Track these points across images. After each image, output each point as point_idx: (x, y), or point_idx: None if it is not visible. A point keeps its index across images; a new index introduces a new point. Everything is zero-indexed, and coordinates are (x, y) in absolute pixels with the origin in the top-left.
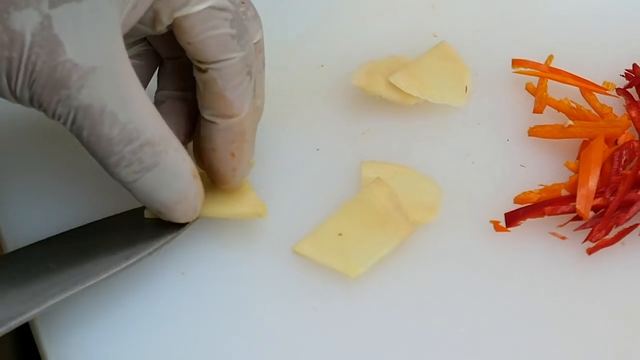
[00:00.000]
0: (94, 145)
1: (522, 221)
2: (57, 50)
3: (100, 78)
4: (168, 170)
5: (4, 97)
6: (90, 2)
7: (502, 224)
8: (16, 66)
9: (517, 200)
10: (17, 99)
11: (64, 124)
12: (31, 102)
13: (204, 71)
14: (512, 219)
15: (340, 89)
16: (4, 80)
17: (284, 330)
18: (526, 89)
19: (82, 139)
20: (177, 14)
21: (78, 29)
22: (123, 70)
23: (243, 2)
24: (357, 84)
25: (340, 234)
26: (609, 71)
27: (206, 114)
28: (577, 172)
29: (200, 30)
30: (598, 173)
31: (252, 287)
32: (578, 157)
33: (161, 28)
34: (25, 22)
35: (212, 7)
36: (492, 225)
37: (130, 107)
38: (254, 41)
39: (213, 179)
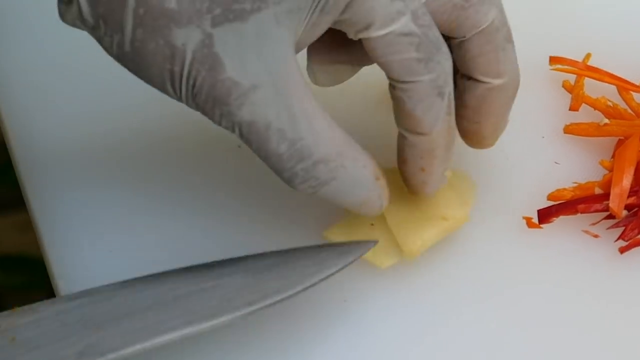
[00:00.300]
0: (265, 159)
1: (554, 218)
2: (216, 68)
3: (263, 96)
4: (347, 181)
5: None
6: (256, 23)
7: (535, 220)
8: (178, 79)
9: (550, 197)
10: (188, 106)
11: (234, 133)
12: (198, 110)
13: (394, 87)
14: (544, 215)
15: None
16: (170, 90)
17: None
18: (563, 86)
19: (254, 151)
20: (360, 35)
21: (240, 48)
22: (290, 88)
23: None
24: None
25: (372, 224)
26: None
27: (398, 125)
28: (611, 170)
29: (382, 54)
30: (632, 172)
31: None
32: (613, 156)
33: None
34: (187, 38)
35: (395, 33)
36: (524, 221)
37: (300, 124)
38: (485, 24)
39: (407, 186)
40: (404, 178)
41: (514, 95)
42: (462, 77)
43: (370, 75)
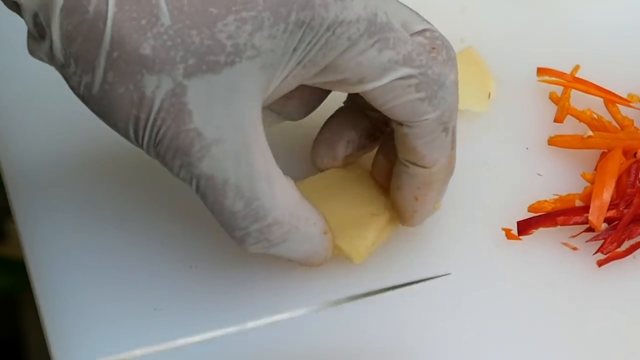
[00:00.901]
0: (218, 216)
1: (534, 230)
2: (183, 118)
3: (224, 151)
4: (298, 241)
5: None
6: (229, 76)
7: (514, 232)
8: (142, 126)
9: (531, 209)
10: (147, 153)
11: (190, 186)
12: (158, 159)
13: (399, 125)
14: (524, 227)
15: None
16: (132, 136)
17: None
18: (550, 98)
19: (208, 206)
20: (355, 90)
21: (209, 100)
22: (253, 146)
23: (434, 48)
24: None
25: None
26: (635, 83)
27: (400, 156)
28: (593, 183)
29: (383, 102)
30: (613, 185)
31: None
32: (596, 168)
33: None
34: (157, 86)
35: (391, 81)
36: (504, 232)
37: (258, 184)
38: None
39: (395, 210)
40: (395, 203)
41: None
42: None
43: None
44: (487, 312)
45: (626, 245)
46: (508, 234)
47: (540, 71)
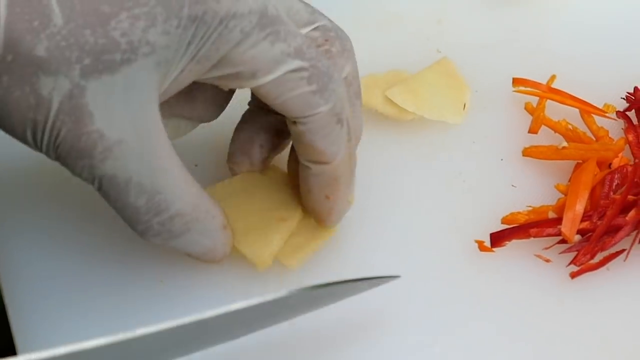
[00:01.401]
0: (121, 212)
1: (507, 242)
2: (84, 119)
3: (126, 151)
4: (198, 233)
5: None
6: (125, 75)
7: (488, 244)
8: (41, 129)
9: (504, 220)
10: (47, 156)
11: (92, 185)
12: (58, 161)
13: (294, 123)
14: (497, 239)
15: None
16: (30, 139)
17: None
18: (525, 108)
19: (110, 203)
20: (248, 86)
21: (109, 101)
22: (154, 143)
23: (326, 40)
24: None
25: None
26: (612, 94)
27: (301, 159)
28: (566, 194)
29: (277, 94)
30: (586, 196)
31: None
32: (570, 180)
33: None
34: (54, 88)
35: (282, 74)
36: (477, 244)
37: (160, 179)
38: (342, 76)
39: (312, 216)
40: (309, 207)
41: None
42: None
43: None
44: (459, 325)
45: (599, 257)
46: (481, 246)
47: (516, 81)
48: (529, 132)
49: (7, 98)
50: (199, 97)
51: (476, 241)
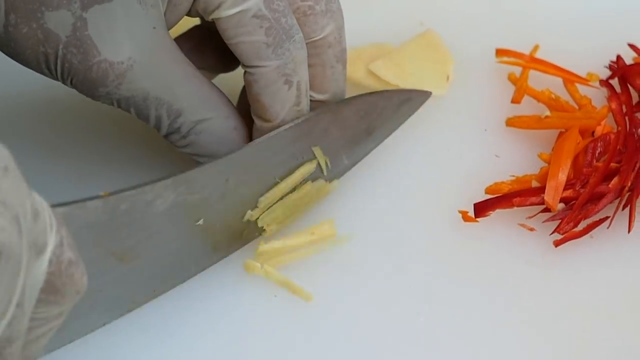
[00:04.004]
0: (144, 121)
1: (491, 212)
2: (91, 51)
3: (138, 73)
4: (216, 134)
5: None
6: (122, 2)
7: (471, 214)
8: (53, 62)
9: (488, 190)
10: (66, 85)
11: (112, 105)
12: (77, 90)
13: (245, 72)
14: (481, 209)
15: None
16: (47, 71)
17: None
18: (508, 79)
19: (133, 115)
20: (212, 16)
21: (111, 29)
22: (164, 60)
23: None
24: None
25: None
26: (595, 62)
27: (251, 112)
28: (549, 163)
29: (233, 34)
30: (569, 165)
31: None
32: (553, 149)
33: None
34: (58, 22)
35: (245, 13)
36: (460, 215)
37: (176, 89)
38: (319, 36)
39: None
40: None
41: None
42: None
43: None
44: (444, 295)
45: (583, 225)
46: (465, 217)
47: (499, 52)
48: (512, 102)
49: (17, 35)
50: (208, 47)
51: (460, 211)
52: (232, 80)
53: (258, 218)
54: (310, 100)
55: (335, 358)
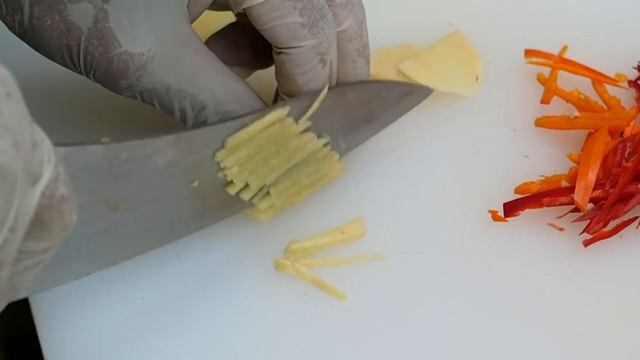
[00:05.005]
0: (170, 113)
1: (520, 211)
2: (112, 43)
3: (159, 65)
4: None
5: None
6: None
7: (501, 213)
8: (76, 54)
9: (517, 190)
10: (90, 79)
11: (135, 99)
12: (99, 83)
13: (278, 53)
14: (510, 209)
15: None
16: (70, 64)
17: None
18: (537, 79)
19: (158, 109)
20: (243, 6)
21: (132, 21)
22: (185, 52)
23: None
24: None
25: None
26: (623, 63)
27: (280, 91)
28: (578, 163)
29: (267, 20)
30: (598, 165)
31: None
32: (582, 149)
33: (239, 12)
34: (80, 14)
35: None
36: (490, 214)
37: (199, 80)
38: (338, 29)
39: None
40: None
41: None
42: None
43: None
44: (473, 294)
45: (612, 224)
46: (494, 216)
47: (528, 53)
48: (542, 102)
49: (41, 27)
50: (243, 44)
51: (490, 211)
52: (265, 77)
53: (225, 160)
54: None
55: (364, 356)
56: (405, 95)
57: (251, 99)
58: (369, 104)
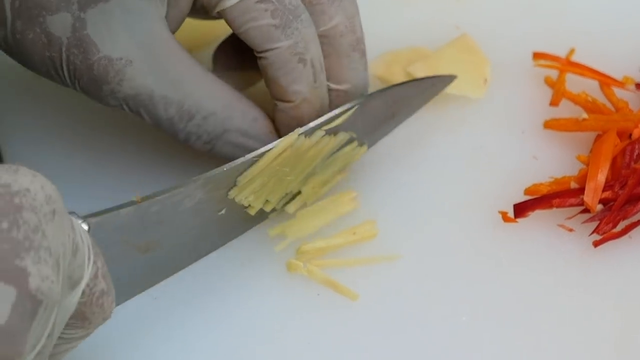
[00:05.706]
0: (158, 126)
1: (530, 212)
2: (90, 49)
3: (138, 70)
4: (238, 132)
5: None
6: (119, 0)
7: (511, 214)
8: (59, 65)
9: (527, 191)
10: (77, 91)
11: (124, 110)
12: (87, 95)
13: (259, 58)
14: (520, 210)
15: None
16: (55, 76)
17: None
18: (545, 82)
19: (147, 121)
20: (216, 9)
21: (110, 27)
22: (164, 57)
23: None
24: (376, 73)
25: None
26: (631, 66)
27: (271, 96)
28: (587, 165)
29: (241, 22)
30: (608, 166)
31: None
32: (591, 151)
33: (214, 16)
34: (59, 24)
35: (248, 0)
36: (500, 215)
37: (182, 87)
38: (328, 26)
39: None
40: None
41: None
42: None
43: None
44: (484, 294)
45: (621, 225)
46: (504, 217)
47: (536, 56)
48: (550, 104)
49: (24, 41)
50: (247, 49)
51: (500, 212)
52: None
53: (239, 195)
54: (332, 91)
55: (376, 355)
56: (429, 87)
57: (240, 103)
58: (394, 105)
